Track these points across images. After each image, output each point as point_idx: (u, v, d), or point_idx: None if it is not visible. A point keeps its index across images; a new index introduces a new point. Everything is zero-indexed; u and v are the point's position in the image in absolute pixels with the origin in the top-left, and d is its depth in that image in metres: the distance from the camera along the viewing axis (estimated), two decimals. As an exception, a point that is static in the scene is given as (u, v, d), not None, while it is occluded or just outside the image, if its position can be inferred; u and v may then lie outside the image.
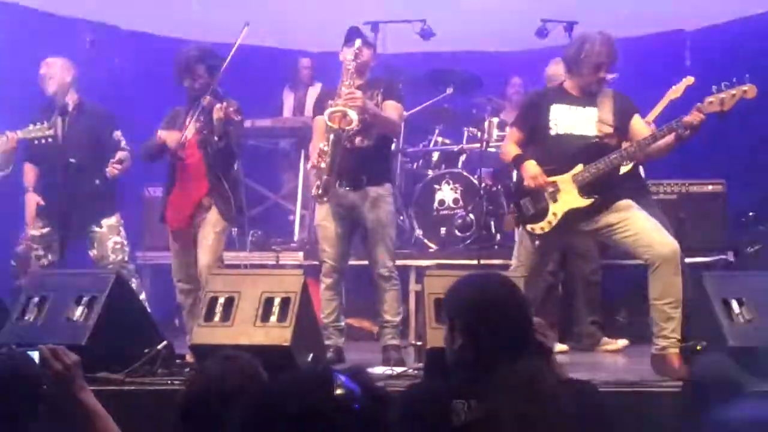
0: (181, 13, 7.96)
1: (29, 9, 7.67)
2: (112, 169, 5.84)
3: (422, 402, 2.73)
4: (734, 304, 4.53)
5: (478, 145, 7.36)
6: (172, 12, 7.99)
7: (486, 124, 7.38)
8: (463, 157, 7.48)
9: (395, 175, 7.15)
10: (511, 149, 5.25)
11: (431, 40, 8.08)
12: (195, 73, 5.48)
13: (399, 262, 5.93)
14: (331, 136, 5.27)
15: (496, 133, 7.35)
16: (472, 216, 7.00)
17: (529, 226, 5.12)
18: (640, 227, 4.86)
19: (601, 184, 4.96)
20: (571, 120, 5.07)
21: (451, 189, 7.14)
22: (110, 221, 5.96)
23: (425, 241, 7.13)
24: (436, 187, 7.19)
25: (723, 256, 6.58)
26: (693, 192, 6.83)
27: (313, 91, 8.17)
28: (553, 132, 5.08)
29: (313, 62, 8.39)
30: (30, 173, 6.07)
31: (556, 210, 5.02)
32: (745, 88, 4.75)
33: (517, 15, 7.93)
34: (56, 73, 5.96)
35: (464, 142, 7.58)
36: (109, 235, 5.92)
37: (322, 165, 5.27)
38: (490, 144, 7.31)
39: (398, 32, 7.79)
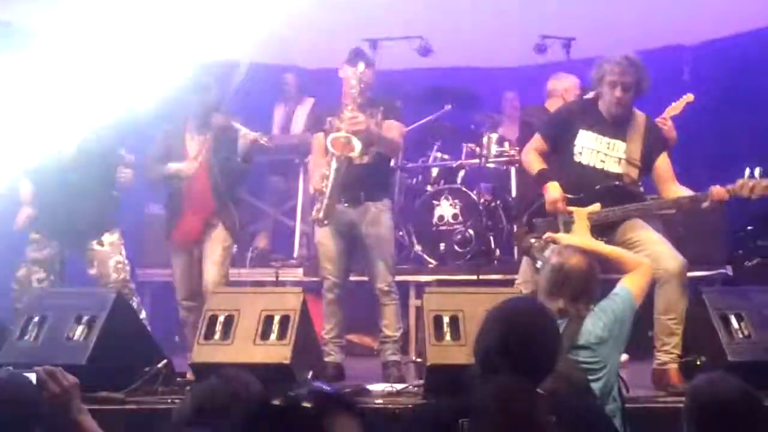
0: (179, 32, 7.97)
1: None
2: (123, 176, 5.82)
3: (429, 421, 2.75)
4: (733, 319, 4.55)
5: (476, 160, 7.39)
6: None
7: (484, 139, 7.40)
8: (462, 173, 7.49)
9: (394, 190, 7.17)
10: (534, 161, 5.22)
11: (429, 56, 8.10)
12: (206, 86, 5.51)
13: (398, 278, 5.94)
14: (333, 162, 5.29)
15: (494, 148, 7.37)
16: (471, 231, 7.00)
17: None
18: (649, 242, 4.86)
19: (611, 227, 4.95)
20: (597, 151, 5.06)
21: (450, 204, 7.14)
22: (112, 238, 5.91)
23: (424, 256, 7.13)
24: (435, 202, 7.19)
25: (722, 271, 6.58)
26: (692, 206, 6.82)
27: (302, 108, 8.19)
28: (577, 159, 5.08)
29: (297, 79, 8.40)
30: (26, 190, 6.06)
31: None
32: None
33: (515, 31, 7.95)
34: None
35: (463, 157, 7.59)
36: (111, 254, 5.88)
37: (324, 190, 5.28)
38: (489, 160, 7.33)
39: (396, 49, 7.80)
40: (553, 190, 5.02)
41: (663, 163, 5.10)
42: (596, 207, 4.95)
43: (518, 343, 2.74)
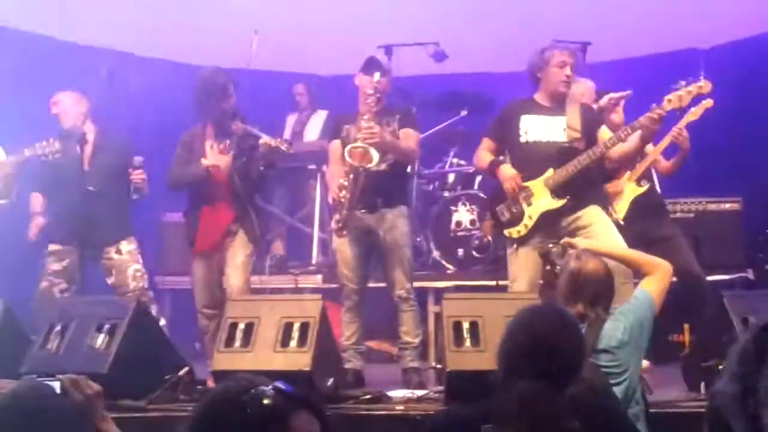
0: (196, 40, 8.02)
1: (46, 37, 7.74)
2: (135, 177, 5.83)
3: (451, 427, 2.75)
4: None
5: (493, 166, 7.37)
6: (187, 39, 8.06)
7: (501, 145, 7.37)
8: (478, 178, 7.48)
9: (411, 196, 7.16)
10: (485, 156, 5.48)
11: (444, 62, 8.10)
12: (228, 92, 5.53)
13: (417, 284, 5.93)
14: (351, 173, 5.30)
15: (511, 153, 7.34)
16: (489, 237, 6.99)
17: (506, 231, 5.32)
18: (599, 236, 5.00)
19: (573, 185, 5.19)
20: (541, 128, 5.32)
21: (468, 210, 7.14)
22: (130, 247, 5.95)
23: (443, 262, 7.12)
24: (453, 208, 7.19)
25: (743, 274, 6.55)
26: (710, 210, 6.81)
27: (317, 117, 8.19)
28: (523, 140, 5.33)
29: (308, 88, 8.41)
30: (36, 202, 6.09)
31: (531, 213, 5.23)
32: (701, 84, 5.04)
33: (530, 36, 7.93)
34: (68, 108, 5.98)
35: (479, 163, 7.57)
36: (129, 263, 5.91)
37: (343, 200, 5.30)
38: (506, 165, 7.30)
39: (411, 55, 7.81)
40: (506, 170, 5.31)
41: (604, 133, 5.33)
42: (549, 172, 5.22)
43: (543, 349, 2.73)
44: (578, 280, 3.79)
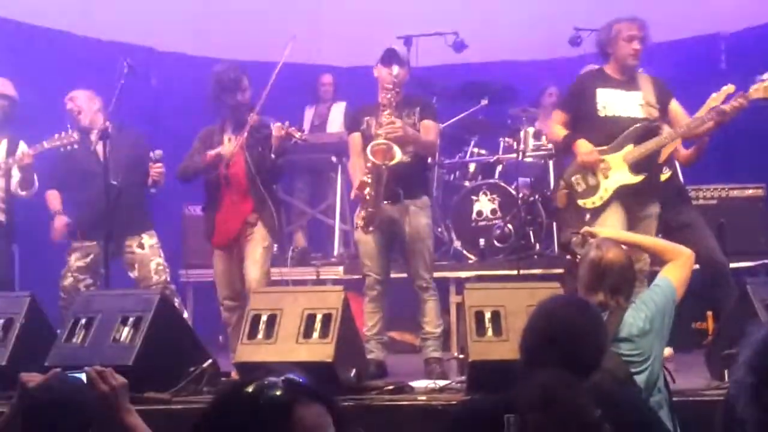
0: (215, 34, 8.05)
1: (66, 33, 7.79)
2: (154, 171, 5.86)
3: (475, 416, 2.76)
4: (778, 310, 4.49)
5: (514, 155, 7.35)
6: (206, 33, 8.09)
7: (522, 134, 7.34)
8: (499, 168, 7.47)
9: (432, 187, 7.16)
10: (559, 130, 5.54)
11: (464, 51, 8.09)
12: (242, 86, 5.55)
13: (438, 274, 5.94)
14: (374, 173, 5.28)
15: (531, 142, 7.32)
16: (510, 226, 6.98)
17: (580, 201, 5.36)
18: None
19: (649, 163, 5.28)
20: (618, 102, 5.37)
21: (489, 200, 7.13)
22: (152, 241, 6.00)
23: (464, 252, 7.12)
24: (474, 198, 7.18)
25: (767, 261, 6.51)
26: (733, 196, 6.78)
27: (337, 109, 8.19)
28: (601, 114, 5.38)
29: (334, 79, 8.41)
30: (54, 199, 6.14)
31: (608, 186, 5.30)
32: None
33: (549, 24, 7.92)
34: (83, 105, 6.03)
35: (500, 152, 7.56)
36: (152, 257, 5.97)
37: (367, 197, 5.30)
38: (527, 154, 7.29)
39: (431, 45, 7.80)
40: (583, 145, 5.34)
41: (676, 106, 5.44)
42: (629, 148, 5.29)
43: (564, 338, 2.74)
44: (599, 269, 3.78)
